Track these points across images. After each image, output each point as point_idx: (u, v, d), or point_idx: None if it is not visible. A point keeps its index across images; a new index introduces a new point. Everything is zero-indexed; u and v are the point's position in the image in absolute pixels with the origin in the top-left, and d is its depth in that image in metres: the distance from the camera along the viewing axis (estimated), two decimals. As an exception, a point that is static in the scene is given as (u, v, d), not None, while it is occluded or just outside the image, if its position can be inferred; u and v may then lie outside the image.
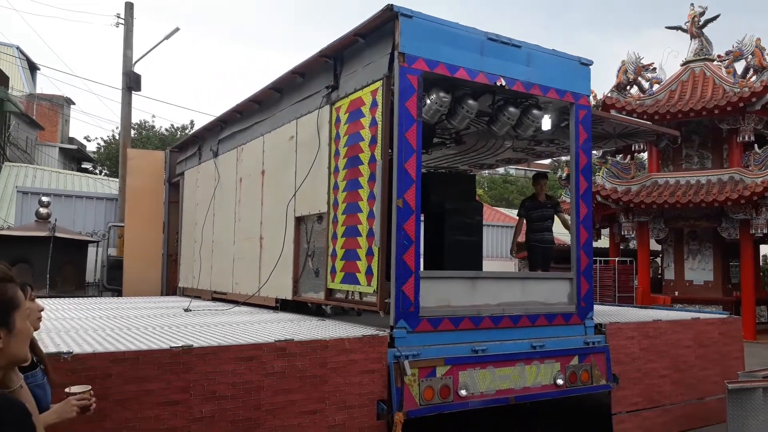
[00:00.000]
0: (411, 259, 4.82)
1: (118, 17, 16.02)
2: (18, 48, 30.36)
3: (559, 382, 5.46)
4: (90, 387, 2.53)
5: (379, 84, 5.09)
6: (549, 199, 8.44)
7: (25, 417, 1.69)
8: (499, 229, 20.42)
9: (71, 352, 3.58)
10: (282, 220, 6.57)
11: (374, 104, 5.15)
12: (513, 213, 30.62)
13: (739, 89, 15.63)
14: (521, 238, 8.92)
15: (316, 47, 5.82)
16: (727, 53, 17.43)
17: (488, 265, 11.97)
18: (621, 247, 19.66)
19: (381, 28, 5.13)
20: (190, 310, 6.74)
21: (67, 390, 2.46)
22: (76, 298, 9.33)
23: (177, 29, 15.37)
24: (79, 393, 2.45)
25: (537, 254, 8.29)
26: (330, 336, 4.50)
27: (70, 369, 3.52)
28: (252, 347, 4.13)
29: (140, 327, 5.13)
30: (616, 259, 18.27)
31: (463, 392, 4.88)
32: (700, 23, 17.87)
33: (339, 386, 4.39)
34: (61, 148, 32.48)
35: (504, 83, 5.42)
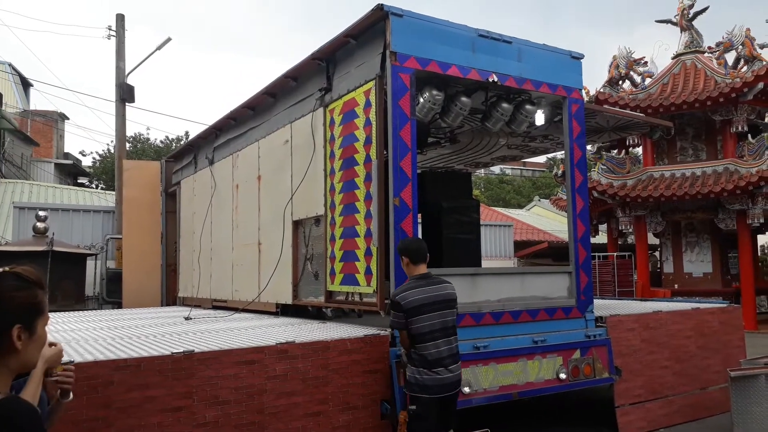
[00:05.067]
0: (410, 258, 4.81)
1: (110, 29, 16.02)
2: (10, 65, 30.34)
3: (562, 376, 5.46)
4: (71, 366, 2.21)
5: (371, 84, 5.10)
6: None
7: (36, 419, 1.70)
8: (497, 228, 20.39)
9: (72, 361, 3.57)
10: (279, 224, 6.57)
11: (368, 104, 5.16)
12: (510, 213, 30.71)
13: (730, 80, 15.66)
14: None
15: (309, 52, 5.84)
16: (718, 44, 17.48)
17: (487, 265, 11.97)
18: (619, 243, 19.66)
19: (372, 28, 5.14)
20: (191, 319, 6.73)
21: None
22: (76, 312, 9.30)
23: (169, 39, 15.37)
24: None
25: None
26: (331, 337, 4.50)
27: (71, 378, 3.50)
28: (253, 350, 4.13)
29: (141, 336, 5.12)
30: (615, 254, 18.27)
31: (467, 389, 4.87)
32: (690, 16, 17.92)
33: (342, 387, 4.39)
34: (56, 164, 32.44)
35: (496, 79, 5.44)
